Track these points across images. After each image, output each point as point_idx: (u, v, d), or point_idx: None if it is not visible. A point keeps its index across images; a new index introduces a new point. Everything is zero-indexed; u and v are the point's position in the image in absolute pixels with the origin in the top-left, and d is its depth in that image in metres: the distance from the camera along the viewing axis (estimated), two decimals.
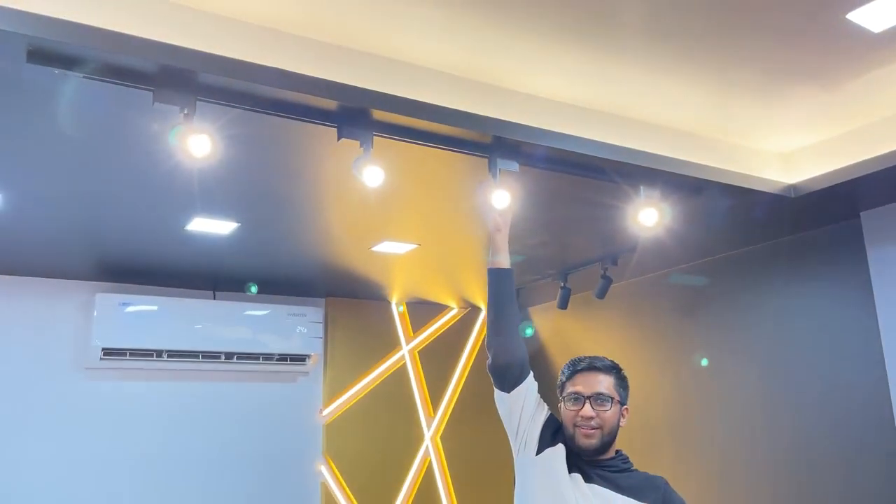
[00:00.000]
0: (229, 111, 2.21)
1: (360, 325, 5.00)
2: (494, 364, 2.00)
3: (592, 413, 1.93)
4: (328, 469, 4.69)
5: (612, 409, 1.96)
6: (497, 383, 2.02)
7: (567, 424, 1.96)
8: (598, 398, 1.94)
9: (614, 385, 2.00)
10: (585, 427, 1.93)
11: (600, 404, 1.94)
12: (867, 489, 3.27)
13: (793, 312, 3.69)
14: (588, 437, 1.93)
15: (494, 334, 2.01)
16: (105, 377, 4.19)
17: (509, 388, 2.00)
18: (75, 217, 3.22)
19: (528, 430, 2.01)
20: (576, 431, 1.94)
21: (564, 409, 1.98)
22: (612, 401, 1.96)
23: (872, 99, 2.78)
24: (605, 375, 1.99)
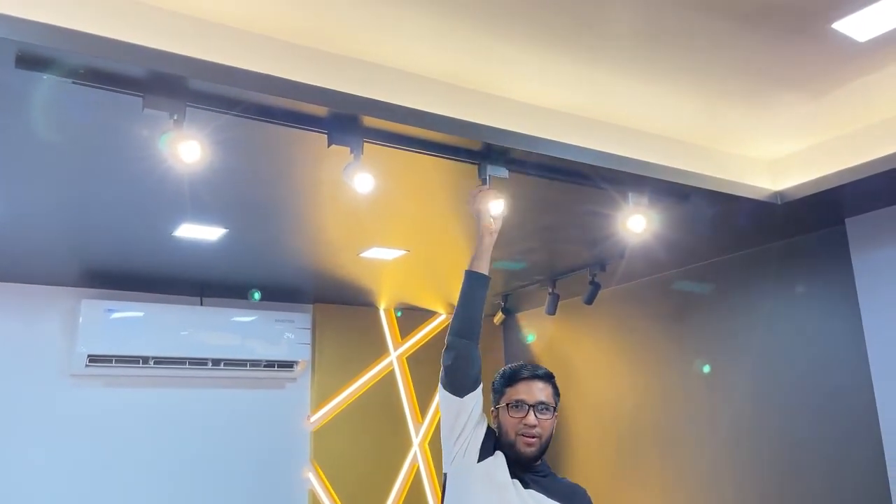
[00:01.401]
0: (219, 117, 2.20)
1: (348, 331, 4.98)
2: (454, 367, 2.00)
3: (535, 421, 1.96)
4: (316, 476, 4.67)
5: (551, 418, 2.00)
6: (450, 386, 2.01)
7: (508, 431, 1.98)
8: (541, 406, 1.98)
9: (552, 394, 2.03)
10: (528, 435, 1.95)
11: (542, 412, 1.98)
12: (852, 493, 3.30)
13: (779, 318, 3.72)
14: (529, 446, 1.96)
15: (460, 337, 2.01)
16: (91, 384, 4.15)
17: (463, 394, 2.00)
18: (61, 223, 3.20)
19: (470, 437, 2.01)
20: (517, 439, 1.96)
21: (506, 416, 2.00)
22: (552, 410, 2.00)
23: (858, 107, 2.82)
24: (546, 384, 2.02)
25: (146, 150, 2.38)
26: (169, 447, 4.31)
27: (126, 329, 4.06)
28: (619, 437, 4.49)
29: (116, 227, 3.26)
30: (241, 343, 4.38)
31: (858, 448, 3.30)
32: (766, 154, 3.23)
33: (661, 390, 4.31)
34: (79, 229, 3.30)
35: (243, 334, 4.40)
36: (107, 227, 3.27)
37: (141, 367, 4.09)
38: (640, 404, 4.41)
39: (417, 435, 5.10)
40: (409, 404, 5.11)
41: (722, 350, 3.99)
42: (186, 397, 4.41)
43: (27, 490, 3.90)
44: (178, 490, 4.28)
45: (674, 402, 4.22)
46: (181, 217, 3.15)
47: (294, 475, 4.64)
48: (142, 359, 4.09)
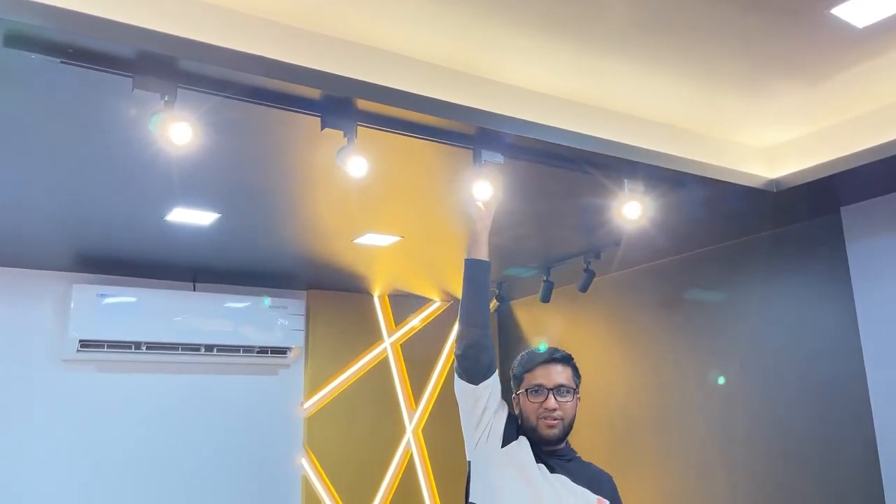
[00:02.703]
0: (211, 99, 2.17)
1: (342, 317, 4.97)
2: (465, 355, 2.02)
3: (555, 405, 1.97)
4: (309, 462, 4.67)
5: (572, 399, 2.01)
6: (465, 375, 2.03)
7: (529, 416, 1.99)
8: (560, 390, 1.99)
9: (572, 376, 2.05)
10: (549, 418, 1.96)
11: (562, 395, 1.99)
12: (844, 480, 3.31)
13: (773, 306, 3.72)
14: (552, 428, 1.97)
15: (469, 325, 2.02)
16: (83, 369, 4.13)
17: (478, 381, 2.01)
18: (52, 206, 3.17)
19: (491, 423, 2.02)
20: (539, 423, 1.97)
21: (526, 401, 2.01)
22: (572, 392, 2.01)
23: (855, 94, 2.81)
24: (564, 367, 2.03)
25: (137, 133, 2.35)
26: (162, 433, 4.29)
27: (118, 314, 4.03)
28: (613, 424, 4.50)
29: (108, 211, 3.23)
30: (233, 329, 4.36)
31: (851, 436, 3.30)
32: (762, 141, 3.22)
33: (654, 378, 4.31)
34: (70, 213, 3.26)
35: (236, 320, 4.38)
36: (98, 212, 3.24)
37: (133, 352, 4.08)
38: (634, 392, 4.42)
39: (411, 422, 5.10)
40: (403, 391, 5.11)
41: (715, 338, 3.99)
42: (179, 383, 4.40)
43: (19, 474, 3.89)
44: (171, 476, 4.27)
45: (667, 389, 4.22)
46: (173, 201, 3.12)
47: (287, 461, 4.64)
48: (134, 344, 4.07)
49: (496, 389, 2.05)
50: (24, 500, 3.88)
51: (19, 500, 3.87)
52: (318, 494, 4.64)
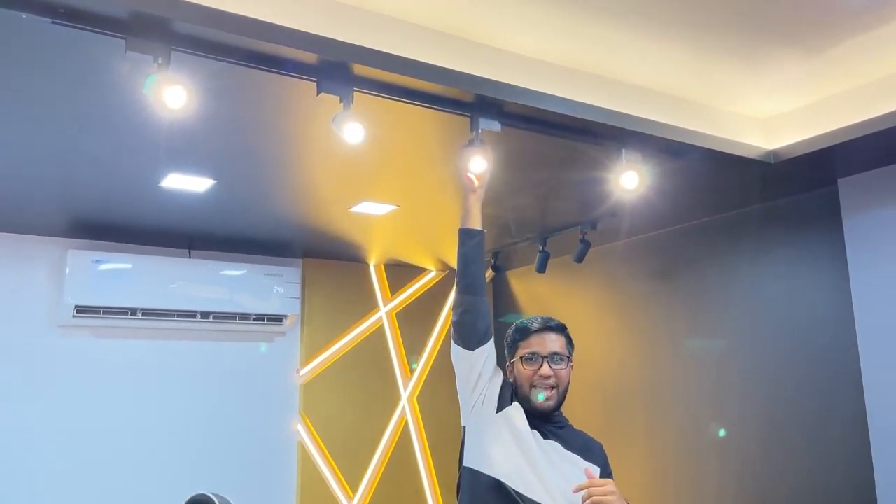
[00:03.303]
0: (206, 62, 2.14)
1: (338, 286, 4.98)
2: (461, 321, 2.06)
3: (550, 372, 2.01)
4: (304, 428, 4.71)
5: (566, 367, 2.05)
6: (461, 341, 2.06)
7: (523, 384, 2.03)
8: (555, 357, 2.02)
9: (566, 344, 2.08)
10: (543, 386, 2.00)
11: (557, 363, 2.02)
12: (834, 450, 3.36)
13: (768, 278, 3.74)
14: (549, 399, 2.01)
15: (464, 293, 2.06)
16: (78, 335, 4.14)
17: (474, 347, 2.05)
18: (46, 171, 3.14)
19: (486, 388, 2.06)
20: (532, 391, 2.00)
21: (520, 368, 2.04)
22: (566, 360, 2.04)
23: (855, 65, 2.78)
24: (558, 335, 2.07)
25: (131, 96, 2.33)
26: (158, 399, 4.32)
27: (114, 280, 4.03)
28: (605, 393, 4.54)
29: (103, 176, 3.21)
30: (229, 296, 4.37)
31: (841, 407, 3.34)
32: (760, 112, 3.20)
33: (647, 348, 4.34)
34: (64, 178, 3.24)
35: (232, 288, 4.38)
36: (93, 177, 3.22)
37: (129, 318, 4.08)
38: (627, 361, 4.45)
39: (406, 389, 5.14)
40: (398, 359, 5.14)
41: (710, 309, 4.01)
42: (175, 349, 4.42)
43: (15, 439, 3.92)
44: (167, 442, 4.31)
45: (660, 359, 4.25)
46: (168, 167, 3.10)
47: (283, 427, 4.68)
48: (130, 310, 4.07)
49: (492, 356, 2.08)
50: (20, 465, 3.91)
51: (16, 465, 3.90)
52: (313, 460, 4.69)
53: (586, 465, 2.01)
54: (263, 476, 4.57)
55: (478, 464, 2.02)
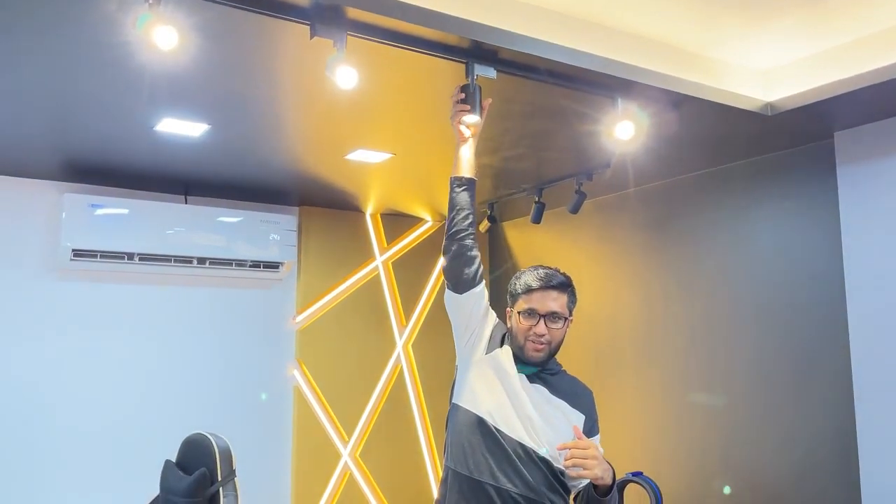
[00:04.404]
0: (198, 3, 2.12)
1: (334, 234, 5.00)
2: (449, 266, 2.14)
3: (545, 331, 2.04)
4: (300, 373, 4.79)
5: (562, 326, 2.08)
6: (450, 285, 2.15)
7: (518, 335, 2.07)
8: (552, 317, 2.05)
9: (567, 303, 2.10)
10: (536, 342, 2.04)
11: (553, 322, 2.06)
12: (819, 400, 3.43)
13: (760, 231, 3.76)
14: (538, 352, 2.05)
15: (452, 238, 2.14)
16: (76, 278, 4.18)
17: (462, 291, 2.12)
18: (39, 112, 3.12)
19: (477, 330, 2.13)
20: (526, 344, 2.05)
21: (517, 320, 2.08)
22: (564, 319, 2.07)
23: (854, 18, 2.75)
24: (560, 293, 2.09)
25: (122, 37, 2.31)
26: (154, 343, 4.38)
27: (110, 225, 4.05)
28: (598, 342, 4.61)
29: (96, 117, 3.19)
30: (226, 243, 4.39)
31: (827, 359, 3.40)
32: (758, 63, 3.18)
33: (640, 300, 4.39)
34: (58, 119, 3.22)
35: (228, 234, 4.40)
36: (87, 118, 3.20)
37: (126, 262, 4.11)
38: (620, 312, 4.51)
39: (401, 337, 5.20)
40: (394, 307, 5.19)
41: (704, 261, 4.04)
42: (172, 294, 4.46)
43: (12, 382, 3.98)
44: (164, 386, 4.39)
45: (653, 311, 4.30)
46: (162, 110, 3.09)
47: (279, 372, 4.76)
48: (127, 255, 4.10)
49: (481, 299, 2.13)
50: (17, 409, 3.98)
51: (13, 409, 3.97)
52: (309, 404, 4.79)
53: (571, 412, 2.06)
54: (260, 420, 4.67)
55: (463, 400, 2.09)
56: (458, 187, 2.18)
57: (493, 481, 1.96)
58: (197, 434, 2.62)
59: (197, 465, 2.48)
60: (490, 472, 1.97)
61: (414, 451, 5.19)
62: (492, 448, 1.98)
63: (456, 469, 2.05)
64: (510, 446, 1.97)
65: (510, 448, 1.97)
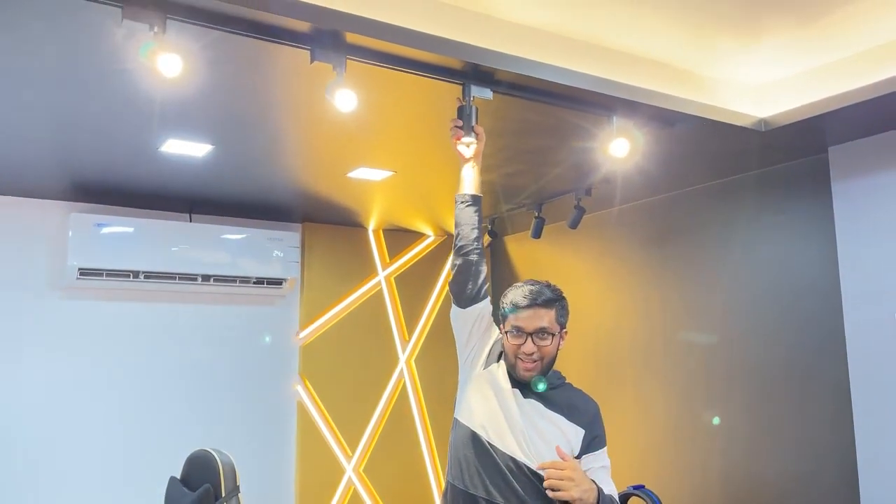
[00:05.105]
0: (201, 30, 2.18)
1: (337, 250, 5.05)
2: (454, 281, 2.17)
3: (533, 349, 2.03)
4: (304, 389, 4.82)
5: (552, 341, 2.06)
6: (455, 299, 2.18)
7: (508, 354, 2.08)
8: (541, 333, 2.04)
9: (556, 317, 2.08)
10: (527, 361, 2.04)
11: (542, 338, 2.04)
12: (817, 413, 3.45)
13: (757, 245, 3.79)
14: (528, 371, 2.04)
15: (458, 254, 2.17)
16: (82, 297, 4.23)
17: (465, 305, 2.15)
18: (47, 135, 3.19)
19: (477, 345, 2.16)
20: (517, 363, 2.05)
21: (507, 340, 2.08)
22: (552, 336, 2.06)
23: (846, 34, 2.80)
24: (547, 310, 2.07)
25: (129, 63, 2.37)
26: (160, 360, 4.42)
27: (116, 243, 4.10)
28: (598, 359, 4.63)
29: (103, 140, 3.26)
30: (230, 260, 4.44)
31: (825, 371, 3.43)
32: (752, 80, 3.22)
33: (639, 314, 4.42)
34: (65, 142, 3.29)
35: (232, 252, 4.45)
36: (93, 141, 3.27)
37: (131, 280, 4.16)
38: (621, 326, 4.54)
39: (404, 352, 5.24)
40: (397, 322, 5.23)
41: (701, 275, 4.08)
42: (177, 312, 4.51)
43: (19, 401, 4.03)
44: (168, 402, 4.42)
45: (652, 325, 4.33)
46: (167, 132, 3.15)
47: (283, 388, 4.79)
48: (132, 273, 4.15)
49: (485, 314, 2.17)
50: (24, 427, 4.03)
51: (20, 426, 4.02)
52: (312, 420, 4.82)
53: (567, 427, 2.04)
54: (264, 436, 4.70)
55: (461, 415, 2.12)
56: (461, 204, 2.24)
57: (486, 496, 1.98)
58: (201, 451, 2.66)
59: (201, 481, 2.51)
60: (484, 486, 1.99)
61: (417, 466, 5.20)
62: (485, 463, 2.01)
63: (454, 483, 2.08)
64: (503, 461, 1.99)
65: (503, 463, 1.99)
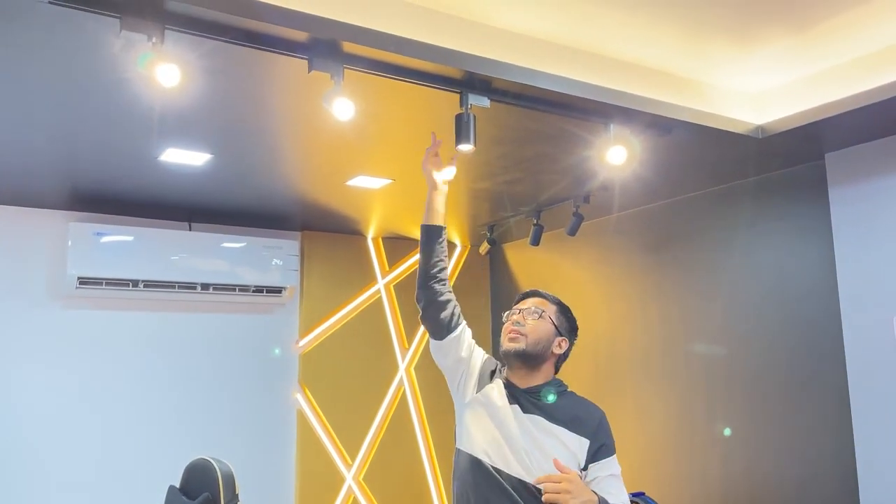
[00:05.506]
0: (199, 41, 2.19)
1: (336, 258, 5.06)
2: (425, 316, 2.14)
3: (522, 320, 2.09)
4: (304, 397, 4.82)
5: (541, 320, 2.08)
6: (430, 332, 2.15)
7: (502, 338, 2.12)
8: (531, 311, 2.11)
9: (555, 312, 2.14)
10: (512, 331, 2.08)
11: (531, 314, 2.10)
12: (817, 419, 3.45)
13: (755, 251, 3.80)
14: (512, 341, 2.06)
15: (421, 287, 2.13)
16: (81, 306, 4.23)
17: (443, 335, 2.13)
18: (46, 144, 3.20)
19: (465, 371, 2.14)
20: (503, 338, 2.10)
21: (502, 327, 2.15)
22: (543, 313, 2.09)
23: (843, 41, 2.81)
24: (541, 298, 2.17)
25: (127, 73, 2.38)
26: (159, 369, 4.42)
27: (115, 252, 4.11)
28: (597, 365, 4.63)
29: (102, 150, 3.27)
30: (229, 269, 4.44)
31: (824, 376, 3.42)
32: (749, 87, 3.24)
33: (638, 320, 4.42)
34: (64, 152, 3.30)
35: (232, 260, 4.46)
36: (92, 150, 3.28)
37: (131, 289, 4.17)
38: (618, 334, 4.54)
39: (403, 360, 5.24)
40: (396, 330, 5.23)
41: (699, 282, 4.08)
42: (177, 321, 4.51)
43: (18, 410, 4.03)
44: (168, 411, 4.42)
45: (650, 331, 4.33)
46: (165, 142, 3.16)
47: (283, 396, 4.79)
48: (132, 282, 4.16)
49: (463, 340, 2.14)
50: (23, 436, 4.02)
51: (19, 435, 4.01)
52: (312, 428, 4.81)
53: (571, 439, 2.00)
54: (264, 444, 4.69)
55: (462, 443, 2.08)
56: (430, 235, 2.16)
57: None
58: (200, 459, 2.66)
59: (200, 490, 2.51)
60: None
61: (418, 474, 5.19)
62: (492, 487, 1.96)
63: None
64: (509, 483, 1.95)
65: (509, 485, 1.95)
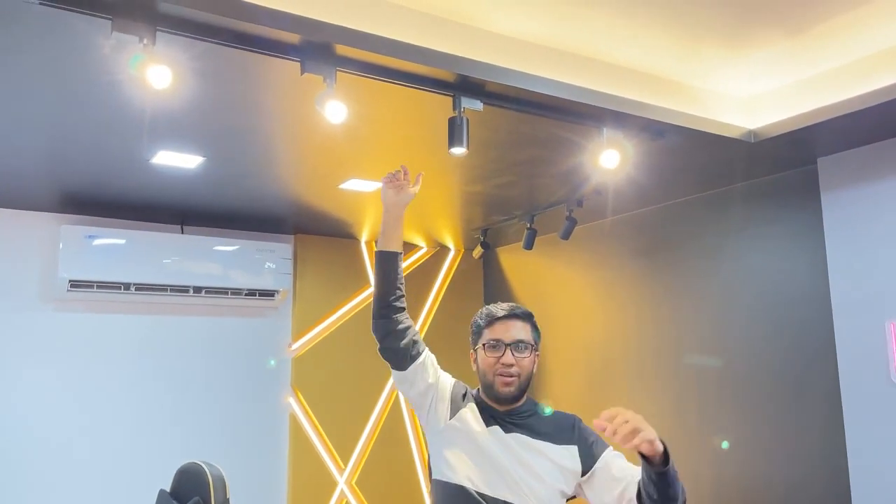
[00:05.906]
0: (191, 43, 2.19)
1: (329, 262, 5.04)
2: (383, 347, 2.01)
3: (512, 360, 1.96)
4: (296, 401, 4.80)
5: (530, 356, 2.00)
6: (393, 364, 2.02)
7: (486, 372, 1.99)
8: (518, 345, 1.97)
9: (531, 332, 2.02)
10: (505, 375, 1.96)
11: (520, 351, 1.97)
12: (809, 420, 3.45)
13: (747, 256, 3.81)
14: (507, 385, 1.96)
15: (377, 317, 2.02)
16: (73, 308, 4.21)
17: (405, 366, 2.00)
18: (38, 146, 3.19)
19: (434, 397, 2.02)
20: (495, 379, 1.96)
21: (483, 356, 2.00)
22: (530, 348, 2.00)
23: (835, 45, 2.83)
24: (524, 323, 2.02)
25: (119, 75, 2.38)
26: (151, 372, 4.40)
27: (107, 255, 4.09)
28: (591, 367, 4.63)
29: (93, 152, 3.25)
30: (222, 272, 4.43)
31: (816, 380, 3.43)
32: (741, 92, 3.25)
33: (631, 324, 4.42)
34: (55, 154, 3.29)
35: (224, 263, 4.44)
36: (84, 153, 3.27)
37: (123, 292, 4.15)
38: (611, 338, 4.54)
39: None
40: None
41: (692, 286, 4.09)
42: (169, 324, 4.49)
43: (8, 413, 4.00)
44: (161, 415, 4.40)
45: (643, 335, 4.34)
46: (157, 144, 3.15)
47: (275, 400, 4.77)
48: (123, 285, 4.14)
49: (427, 367, 2.03)
50: (15, 439, 4.00)
51: (10, 439, 3.99)
52: (304, 432, 4.79)
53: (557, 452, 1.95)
54: (255, 448, 4.67)
55: (441, 473, 1.98)
56: (385, 261, 2.05)
57: None
58: (191, 463, 2.64)
59: (191, 494, 2.50)
60: None
61: (410, 478, 5.18)
62: None
63: None
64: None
65: None
